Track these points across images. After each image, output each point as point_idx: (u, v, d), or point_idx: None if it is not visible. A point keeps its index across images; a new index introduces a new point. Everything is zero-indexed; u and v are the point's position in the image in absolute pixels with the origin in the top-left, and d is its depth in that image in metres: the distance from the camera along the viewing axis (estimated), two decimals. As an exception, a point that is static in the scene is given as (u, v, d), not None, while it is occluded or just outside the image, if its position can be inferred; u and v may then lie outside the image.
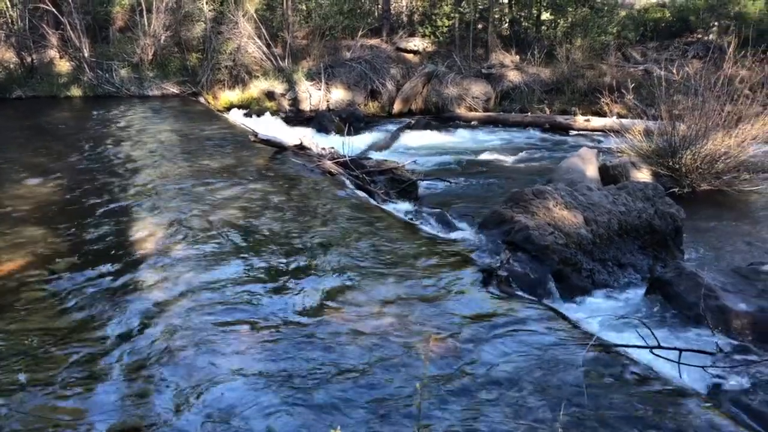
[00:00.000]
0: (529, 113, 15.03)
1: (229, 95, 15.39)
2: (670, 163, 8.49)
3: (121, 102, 14.44)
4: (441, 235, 5.93)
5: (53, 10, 15.70)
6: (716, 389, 3.46)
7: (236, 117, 13.61)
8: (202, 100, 15.39)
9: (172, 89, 15.79)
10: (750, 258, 6.12)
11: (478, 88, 16.10)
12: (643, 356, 3.70)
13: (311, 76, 15.81)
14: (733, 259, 6.24)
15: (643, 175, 8.43)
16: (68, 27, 15.57)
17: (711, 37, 18.12)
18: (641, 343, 3.80)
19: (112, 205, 6.40)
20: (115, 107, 13.49)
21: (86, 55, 15.72)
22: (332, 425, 2.86)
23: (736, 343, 4.12)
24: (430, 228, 6.16)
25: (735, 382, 3.48)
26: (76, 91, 15.43)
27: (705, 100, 8.50)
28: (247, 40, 15.89)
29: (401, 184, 7.99)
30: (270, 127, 12.23)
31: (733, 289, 4.63)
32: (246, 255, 5.00)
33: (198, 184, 7.04)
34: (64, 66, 16.05)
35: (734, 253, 6.47)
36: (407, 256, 5.04)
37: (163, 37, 16.11)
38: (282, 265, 4.84)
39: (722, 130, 8.33)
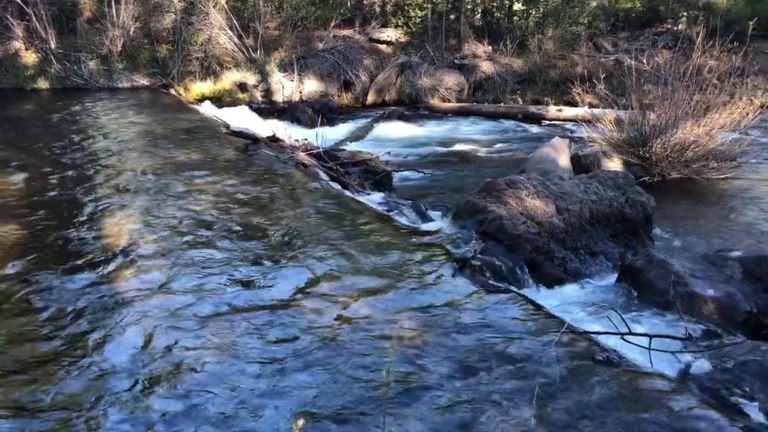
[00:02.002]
0: (502, 104, 15.10)
1: (200, 87, 15.21)
2: (641, 152, 8.60)
3: (89, 94, 14.18)
4: (415, 225, 5.94)
5: (18, 0, 15.34)
6: (685, 373, 3.52)
7: (208, 109, 13.46)
8: (173, 92, 15.18)
9: (143, 81, 15.55)
10: (718, 245, 6.24)
11: (452, 79, 16.13)
12: (615, 343, 3.75)
13: (284, 68, 15.69)
14: (701, 246, 6.35)
15: (614, 164, 8.53)
16: (33, 18, 15.24)
17: (680, 27, 18.40)
18: (612, 329, 3.85)
19: (81, 199, 6.28)
20: (83, 100, 13.24)
21: (53, 46, 15.40)
22: (294, 408, 2.87)
23: (704, 328, 4.20)
24: (405, 219, 6.16)
25: (703, 365, 3.54)
26: (43, 84, 15.13)
27: (674, 90, 8.61)
28: (218, 31, 15.71)
29: (375, 176, 7.98)
30: (242, 118, 12.11)
31: (701, 275, 4.71)
32: (217, 247, 4.96)
33: (169, 177, 6.95)
34: (30, 58, 15.70)
35: (703, 240, 6.58)
36: (381, 247, 5.04)
37: (132, 29, 15.83)
38: (254, 257, 4.80)
39: (691, 119, 8.45)
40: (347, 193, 7.01)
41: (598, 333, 3.82)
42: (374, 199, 6.98)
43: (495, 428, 2.81)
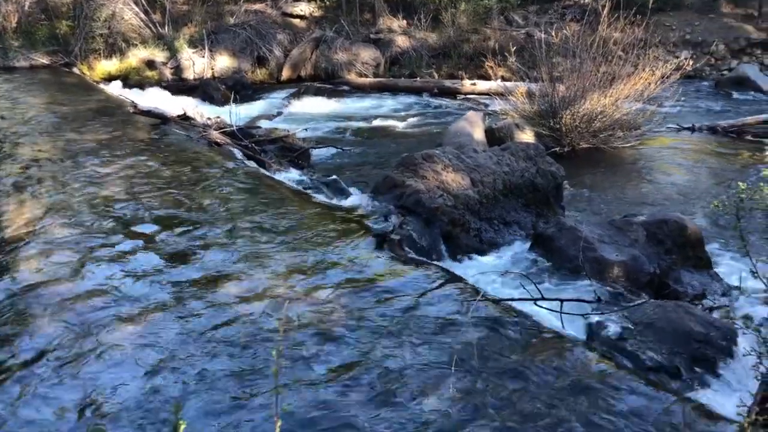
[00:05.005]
0: (418, 78, 15.16)
1: (106, 65, 14.53)
2: (551, 124, 8.84)
3: (-18, 74, 13.30)
4: (334, 202, 5.92)
5: None
6: (595, 335, 3.68)
7: (115, 89, 12.89)
8: (76, 71, 14.42)
9: (42, 60, 14.68)
10: (624, 210, 6.52)
11: (368, 54, 16.04)
12: (528, 308, 3.87)
13: (194, 44, 15.19)
14: (609, 212, 6.62)
15: (526, 136, 8.74)
16: None
17: (587, 0, 18.91)
18: (526, 296, 3.97)
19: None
20: (-24, 80, 12.41)
21: (-62, 22, 14.31)
22: (179, 394, 2.83)
23: (612, 290, 4.40)
24: (323, 196, 6.12)
25: (611, 326, 3.70)
26: (-74, 63, 14.07)
27: (582, 62, 8.88)
28: (122, 6, 15.02)
29: (292, 153, 7.88)
30: (152, 97, 11.67)
31: (608, 240, 4.92)
32: (128, 232, 4.78)
33: (73, 161, 6.61)
34: None
35: (610, 207, 6.87)
36: (300, 225, 4.99)
37: (27, 3, 14.90)
38: (165, 240, 4.66)
39: (598, 90, 8.75)
40: (264, 171, 6.89)
41: (512, 300, 3.94)
42: (292, 176, 6.91)
43: (414, 396, 2.85)
